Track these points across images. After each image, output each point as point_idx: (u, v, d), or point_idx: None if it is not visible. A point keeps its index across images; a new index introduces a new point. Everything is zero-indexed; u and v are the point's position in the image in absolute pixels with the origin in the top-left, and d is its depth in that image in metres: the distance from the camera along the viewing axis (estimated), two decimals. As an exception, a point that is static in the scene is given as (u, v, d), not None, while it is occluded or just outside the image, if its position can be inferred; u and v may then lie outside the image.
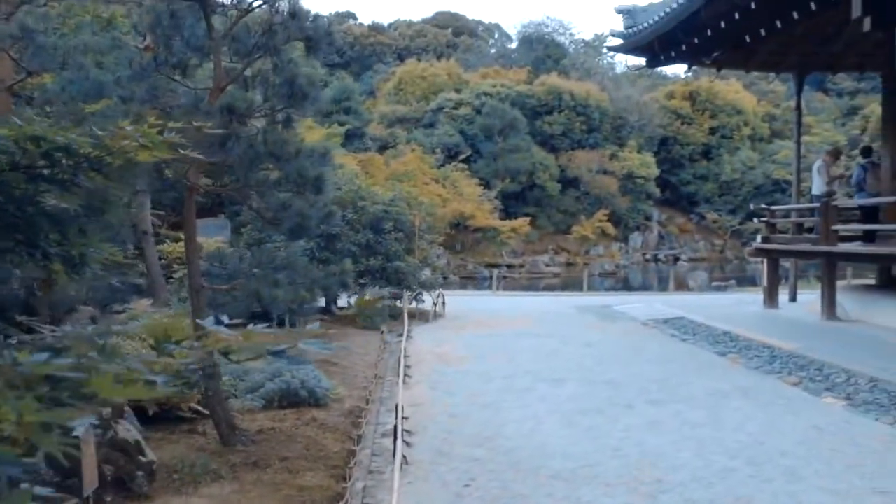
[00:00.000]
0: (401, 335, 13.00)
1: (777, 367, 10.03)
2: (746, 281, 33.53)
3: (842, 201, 13.61)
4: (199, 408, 6.98)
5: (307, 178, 5.82)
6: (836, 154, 15.86)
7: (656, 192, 51.94)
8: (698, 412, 7.66)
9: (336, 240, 14.29)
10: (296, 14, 5.77)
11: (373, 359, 11.12)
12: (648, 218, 52.90)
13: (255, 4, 6.15)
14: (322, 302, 15.89)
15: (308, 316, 10.05)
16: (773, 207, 16.53)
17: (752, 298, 19.18)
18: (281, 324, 12.40)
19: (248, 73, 6.11)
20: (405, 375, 9.63)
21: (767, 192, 51.41)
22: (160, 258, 13.70)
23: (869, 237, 13.67)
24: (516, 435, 6.98)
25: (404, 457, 6.12)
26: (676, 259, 50.79)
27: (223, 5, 6.24)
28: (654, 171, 51.40)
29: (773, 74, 64.21)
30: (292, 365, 8.37)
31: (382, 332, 13.49)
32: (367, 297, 15.58)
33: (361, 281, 15.50)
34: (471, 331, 14.12)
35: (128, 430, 5.26)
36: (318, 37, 6.20)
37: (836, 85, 65.85)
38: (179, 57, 5.99)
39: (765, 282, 16.08)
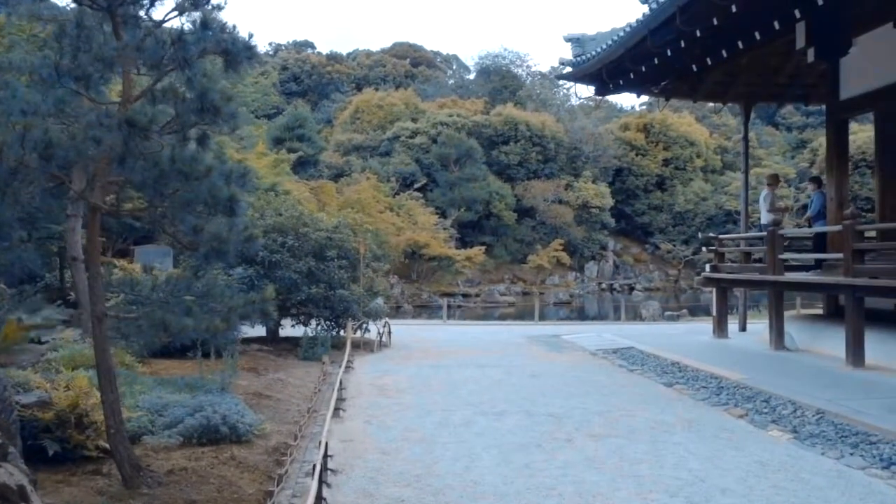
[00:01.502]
0: (345, 366, 12.55)
1: (723, 399, 9.80)
2: (700, 310, 33.58)
3: (788, 230, 13.54)
4: (107, 446, 6.47)
5: (219, 199, 5.43)
6: (774, 180, 15.94)
7: (611, 222, 52.29)
8: (639, 447, 7.36)
9: (276, 267, 13.83)
10: (207, 24, 5.41)
11: (310, 391, 10.64)
12: (604, 248, 53.17)
13: (167, 15, 5.78)
14: (262, 331, 15.40)
15: (229, 346, 9.56)
16: (722, 237, 16.49)
17: (703, 328, 19.08)
18: (207, 355, 11.89)
19: (158, 86, 5.72)
20: (339, 409, 9.18)
21: (720, 222, 52.14)
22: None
23: (816, 266, 13.67)
24: (448, 473, 6.59)
25: (324, 499, 5.70)
26: (631, 288, 50.99)
27: (135, 17, 5.86)
28: (609, 202, 51.79)
29: (723, 108, 65.57)
30: (216, 398, 7.95)
31: (324, 363, 13.01)
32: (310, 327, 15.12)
33: (304, 310, 15.04)
34: (415, 361, 13.72)
35: (10, 473, 4.75)
36: (237, 50, 5.85)
37: (785, 119, 67.53)
38: (85, 69, 5.58)
39: (714, 311, 15.97)
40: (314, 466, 5.80)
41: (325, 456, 6.47)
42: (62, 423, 6.33)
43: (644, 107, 72.91)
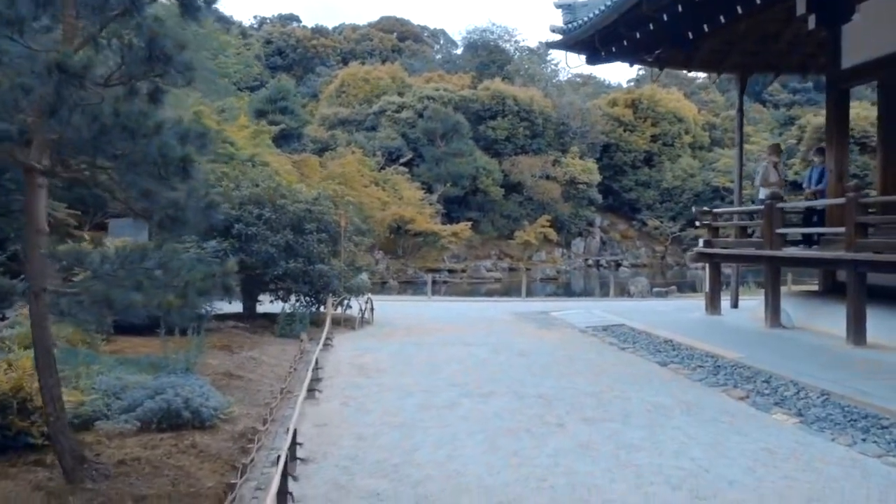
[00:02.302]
0: (324, 342, 11.96)
1: (721, 379, 9.29)
2: (687, 287, 33.26)
3: (787, 204, 13.02)
4: (54, 433, 5.87)
5: (170, 159, 4.79)
6: (775, 150, 15.33)
7: (598, 198, 51.82)
8: (636, 432, 6.83)
9: (252, 240, 13.19)
10: (156, -41, 4.76)
11: (285, 371, 10.05)
12: (591, 224, 52.77)
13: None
14: (239, 307, 14.79)
15: (196, 323, 8.95)
16: (716, 210, 15.93)
17: (694, 305, 18.61)
18: (175, 332, 11.27)
19: (103, 33, 5.07)
20: (315, 391, 8.60)
21: (707, 199, 51.76)
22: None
23: (805, 241, 13.19)
24: (429, 462, 6.04)
25: (290, 494, 5.13)
26: (618, 265, 50.68)
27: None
28: (597, 178, 51.27)
29: (711, 84, 64.95)
30: (179, 380, 7.35)
31: (302, 341, 12.41)
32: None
33: (282, 285, 14.42)
34: (398, 339, 13.15)
35: (-74, 469, 4.17)
36: (193, -6, 5.20)
37: (773, 96, 67.18)
38: (19, 12, 4.91)
39: (707, 287, 15.47)
40: (278, 457, 5.23)
41: (294, 444, 5.91)
42: (2, 408, 5.73)
43: (632, 83, 72.51)
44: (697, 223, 15.73)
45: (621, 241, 54.56)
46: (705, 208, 16.12)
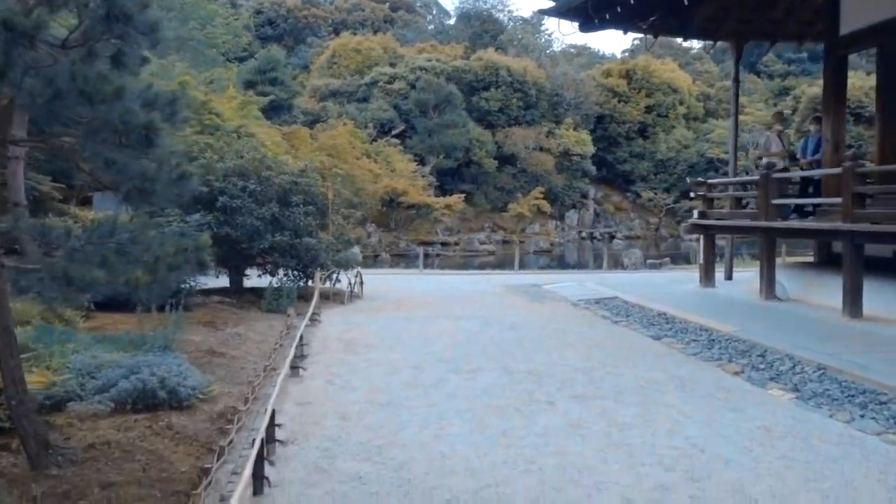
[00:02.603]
0: (311, 317, 11.72)
1: (716, 353, 9.09)
2: (681, 259, 33.17)
3: (782, 174, 12.74)
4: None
5: (132, 126, 4.50)
6: (780, 118, 14.95)
7: (592, 169, 51.42)
8: (628, 410, 6.61)
9: (237, 213, 12.88)
10: None
11: (270, 347, 9.82)
12: (584, 196, 52.45)
13: None
14: (226, 281, 14.54)
15: (175, 299, 8.70)
16: (711, 181, 15.65)
17: (688, 277, 18.42)
18: (159, 308, 11.02)
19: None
20: (299, 368, 8.36)
21: (702, 170, 51.33)
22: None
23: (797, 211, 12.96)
24: (415, 443, 5.82)
25: (266, 479, 4.91)
26: (612, 237, 50.46)
27: None
28: (591, 149, 50.81)
29: (707, 55, 64.33)
30: (157, 358, 7.10)
31: (289, 316, 12.14)
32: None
33: (270, 259, 14.14)
34: (387, 313, 12.93)
35: None
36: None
37: (767, 67, 66.65)
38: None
39: (701, 259, 15.24)
40: (253, 441, 4.99)
41: (272, 425, 5.67)
42: (-35, 390, 5.47)
43: (627, 53, 71.85)
44: (692, 194, 15.48)
45: (615, 213, 54.27)
46: (700, 179, 15.83)
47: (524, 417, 6.42)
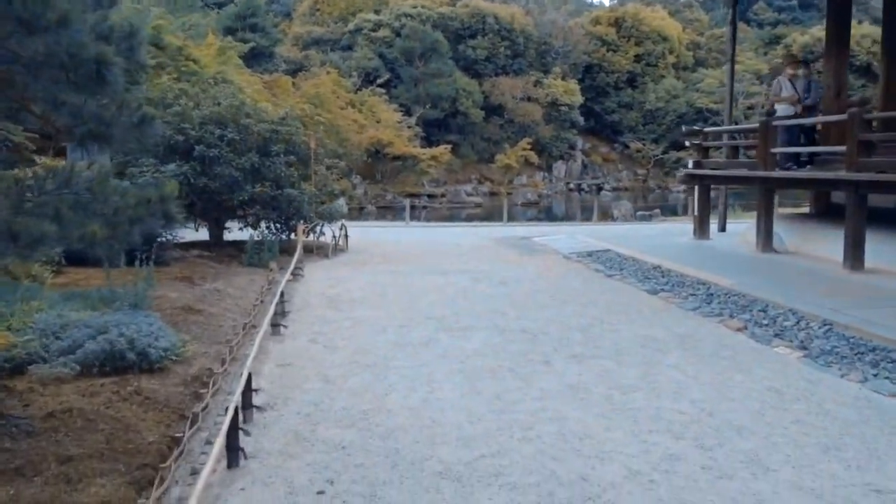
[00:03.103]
0: (293, 271, 11.24)
1: (716, 308, 8.71)
2: (668, 210, 32.75)
3: (782, 121, 12.27)
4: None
5: (81, 60, 3.97)
6: (793, 62, 13.96)
7: (580, 120, 50.75)
8: (630, 371, 6.24)
9: (215, 163, 12.32)
10: None
11: (250, 303, 9.37)
12: (572, 147, 51.82)
13: None
14: (206, 234, 14.03)
15: (146, 253, 8.22)
16: (706, 130, 15.16)
17: (680, 228, 18.08)
18: (131, 262, 10.55)
19: None
20: (280, 326, 7.93)
21: (691, 120, 50.83)
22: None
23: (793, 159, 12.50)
24: (402, 408, 5.42)
25: (242, 450, 4.50)
26: (600, 188, 50.02)
27: None
28: (579, 99, 50.07)
29: (697, 3, 63.19)
30: (126, 317, 6.66)
31: (271, 270, 11.68)
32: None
33: (251, 211, 13.62)
34: (373, 267, 12.49)
35: None
36: None
37: (757, 16, 65.82)
38: None
39: (695, 211, 14.84)
40: (227, 409, 4.57)
41: (249, 390, 5.26)
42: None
43: (615, 1, 70.53)
44: (687, 143, 15.00)
45: (603, 165, 53.78)
46: (695, 128, 15.36)
47: (519, 379, 6.04)
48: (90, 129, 4.63)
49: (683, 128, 16.15)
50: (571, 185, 50.12)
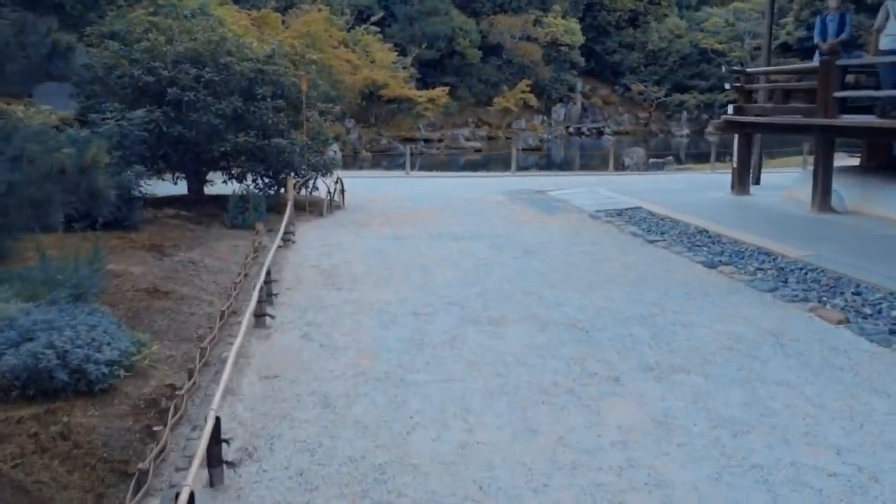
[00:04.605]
0: (283, 236, 9.61)
1: (798, 291, 7.14)
2: (674, 156, 30.93)
3: (853, 60, 10.59)
4: None
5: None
6: None
7: (581, 61, 48.48)
8: (730, 393, 4.70)
9: (191, 109, 10.60)
10: None
11: (231, 279, 7.79)
12: (572, 89, 49.66)
13: None
14: (184, 188, 12.37)
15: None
16: (750, 70, 13.41)
17: (706, 180, 16.52)
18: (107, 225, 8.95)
19: None
20: (266, 316, 6.36)
21: (694, 62, 49.16)
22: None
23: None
24: (432, 461, 3.89)
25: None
26: (600, 132, 48.22)
27: None
28: (579, 39, 47.72)
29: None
30: (63, 316, 5.09)
31: (257, 233, 10.07)
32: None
33: (236, 162, 11.94)
34: (374, 230, 10.87)
35: None
36: None
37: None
38: None
39: (734, 162, 13.21)
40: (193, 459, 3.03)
41: (215, 439, 3.71)
42: None
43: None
44: (727, 86, 13.26)
45: (603, 108, 51.66)
46: (737, 67, 13.62)
47: (585, 409, 4.50)
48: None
49: (724, 67, 14.41)
50: (571, 129, 48.20)
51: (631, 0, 51.86)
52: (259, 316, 6.27)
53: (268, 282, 7.00)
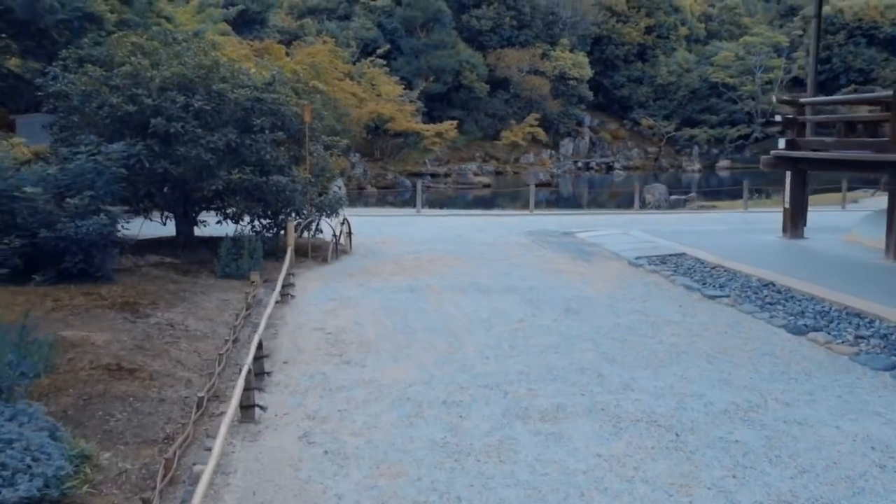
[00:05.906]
0: (281, 290, 8.22)
1: (923, 370, 5.74)
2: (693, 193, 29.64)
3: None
4: None
5: None
6: None
7: (589, 95, 47.52)
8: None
9: (178, 141, 9.28)
10: None
11: (216, 348, 6.38)
12: (580, 123, 48.71)
13: None
14: (172, 229, 11.04)
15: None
16: (804, 100, 12.09)
17: (741, 219, 15.21)
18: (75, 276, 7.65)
19: None
20: (255, 406, 4.95)
21: (704, 96, 48.50)
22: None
23: None
24: None
25: None
26: (609, 167, 47.25)
27: None
28: (588, 72, 46.84)
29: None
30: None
31: (252, 283, 8.66)
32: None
33: (230, 201, 10.59)
34: (386, 280, 9.48)
35: None
36: None
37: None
38: None
39: (786, 202, 11.86)
40: None
41: None
42: None
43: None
44: (777, 117, 11.94)
45: (612, 142, 50.63)
46: (787, 97, 12.32)
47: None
48: None
49: (774, 97, 13.12)
50: (579, 164, 47.10)
51: (639, 34, 51.18)
52: (246, 408, 4.87)
53: (259, 357, 5.61)
